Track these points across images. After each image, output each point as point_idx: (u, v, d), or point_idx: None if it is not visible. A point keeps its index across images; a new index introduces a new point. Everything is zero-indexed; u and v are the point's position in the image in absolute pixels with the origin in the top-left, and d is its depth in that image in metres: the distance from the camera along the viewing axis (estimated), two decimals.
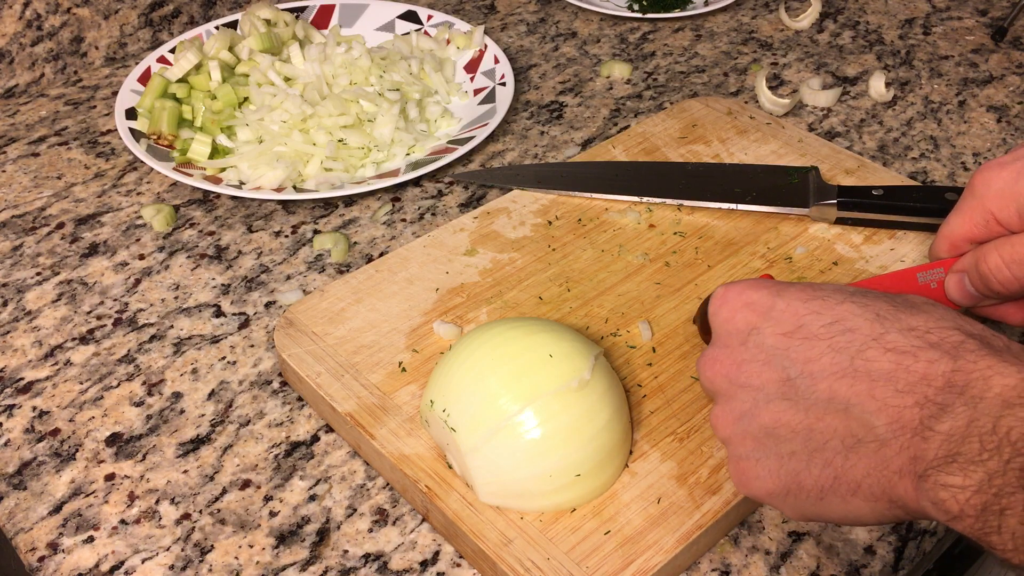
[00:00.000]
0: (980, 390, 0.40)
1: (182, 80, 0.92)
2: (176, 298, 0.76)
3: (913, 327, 0.43)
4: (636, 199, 0.79)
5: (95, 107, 0.97)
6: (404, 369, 0.66)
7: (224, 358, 0.72)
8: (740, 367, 0.47)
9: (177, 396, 0.69)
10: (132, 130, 0.88)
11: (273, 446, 0.66)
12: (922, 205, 0.75)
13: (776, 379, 0.46)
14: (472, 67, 0.99)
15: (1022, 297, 0.61)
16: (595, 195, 0.80)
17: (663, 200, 0.79)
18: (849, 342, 0.44)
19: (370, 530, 0.61)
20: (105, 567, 0.59)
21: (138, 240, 0.82)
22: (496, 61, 0.97)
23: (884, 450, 0.42)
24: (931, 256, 0.63)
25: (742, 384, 0.48)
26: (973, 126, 0.94)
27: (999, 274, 0.57)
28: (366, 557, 0.59)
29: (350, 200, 0.86)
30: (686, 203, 0.79)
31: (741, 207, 0.78)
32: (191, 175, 0.84)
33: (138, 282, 0.78)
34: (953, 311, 0.45)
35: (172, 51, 0.97)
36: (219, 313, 0.75)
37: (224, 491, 0.63)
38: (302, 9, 1.03)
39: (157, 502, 0.62)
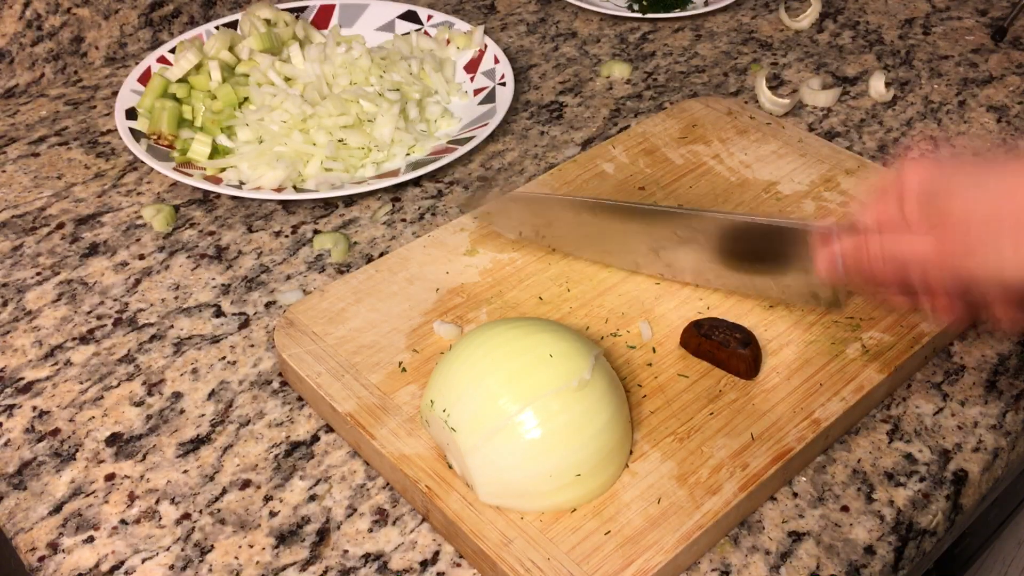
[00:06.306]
0: None
1: (182, 80, 0.92)
2: (176, 298, 0.76)
3: None
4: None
5: (95, 107, 0.97)
6: (404, 369, 0.66)
7: (224, 358, 0.72)
8: None
9: (177, 396, 0.69)
10: (132, 130, 0.88)
11: (273, 446, 0.66)
12: None
13: None
14: (472, 67, 0.99)
15: (877, 286, 0.64)
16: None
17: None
18: None
19: (370, 530, 0.61)
20: (105, 567, 0.59)
21: (138, 240, 0.82)
22: (496, 61, 0.97)
23: None
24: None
25: None
26: (973, 126, 0.94)
27: (874, 263, 0.60)
28: (366, 557, 0.59)
29: (350, 200, 0.86)
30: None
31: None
32: (191, 175, 0.84)
33: (138, 282, 0.78)
34: None
35: (172, 51, 0.97)
36: (219, 313, 0.75)
37: (224, 491, 0.63)
38: (302, 9, 1.03)
39: (157, 502, 0.62)
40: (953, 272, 0.58)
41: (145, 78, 0.94)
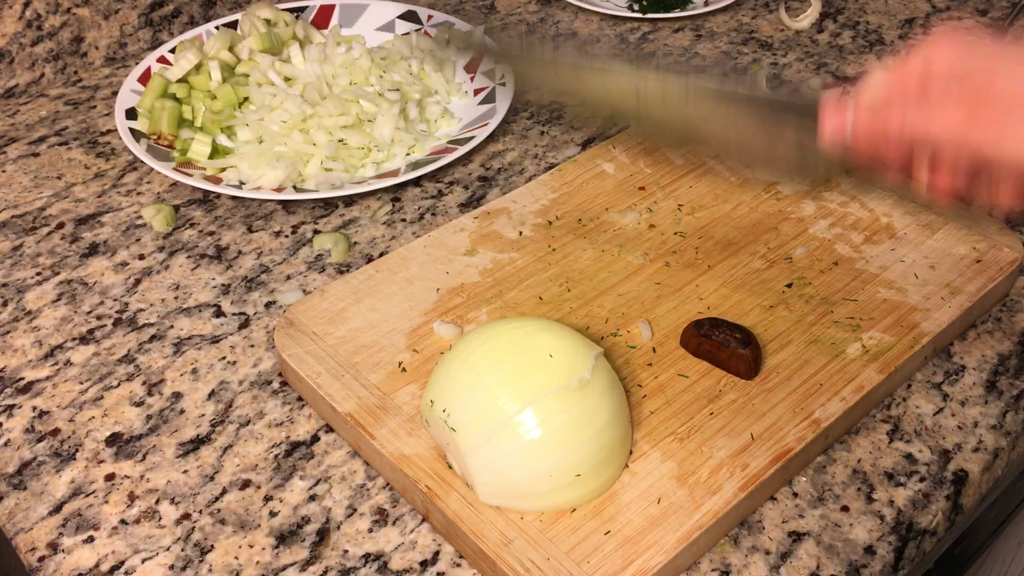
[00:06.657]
0: None
1: (182, 80, 0.92)
2: (176, 298, 0.77)
3: None
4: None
5: (95, 107, 0.97)
6: (404, 369, 0.66)
7: (224, 358, 0.72)
8: None
9: (177, 396, 0.69)
10: (132, 130, 0.88)
11: (273, 446, 0.66)
12: None
13: None
14: (472, 67, 0.99)
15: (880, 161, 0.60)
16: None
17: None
18: None
19: (370, 530, 0.61)
20: (105, 567, 0.59)
21: (138, 240, 0.82)
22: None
23: None
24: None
25: None
26: None
27: (891, 137, 0.57)
28: (366, 557, 0.59)
29: (350, 200, 0.86)
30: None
31: None
32: (191, 175, 0.84)
33: (138, 282, 0.78)
34: None
35: (172, 51, 0.97)
36: (219, 313, 0.75)
37: (224, 491, 0.63)
38: (302, 9, 1.03)
39: (157, 502, 0.62)
40: (977, 150, 0.55)
41: (145, 78, 0.94)
